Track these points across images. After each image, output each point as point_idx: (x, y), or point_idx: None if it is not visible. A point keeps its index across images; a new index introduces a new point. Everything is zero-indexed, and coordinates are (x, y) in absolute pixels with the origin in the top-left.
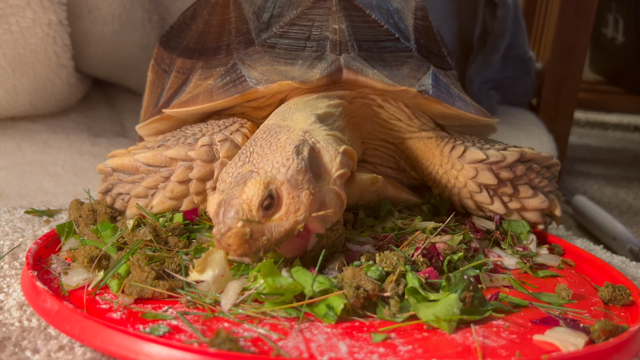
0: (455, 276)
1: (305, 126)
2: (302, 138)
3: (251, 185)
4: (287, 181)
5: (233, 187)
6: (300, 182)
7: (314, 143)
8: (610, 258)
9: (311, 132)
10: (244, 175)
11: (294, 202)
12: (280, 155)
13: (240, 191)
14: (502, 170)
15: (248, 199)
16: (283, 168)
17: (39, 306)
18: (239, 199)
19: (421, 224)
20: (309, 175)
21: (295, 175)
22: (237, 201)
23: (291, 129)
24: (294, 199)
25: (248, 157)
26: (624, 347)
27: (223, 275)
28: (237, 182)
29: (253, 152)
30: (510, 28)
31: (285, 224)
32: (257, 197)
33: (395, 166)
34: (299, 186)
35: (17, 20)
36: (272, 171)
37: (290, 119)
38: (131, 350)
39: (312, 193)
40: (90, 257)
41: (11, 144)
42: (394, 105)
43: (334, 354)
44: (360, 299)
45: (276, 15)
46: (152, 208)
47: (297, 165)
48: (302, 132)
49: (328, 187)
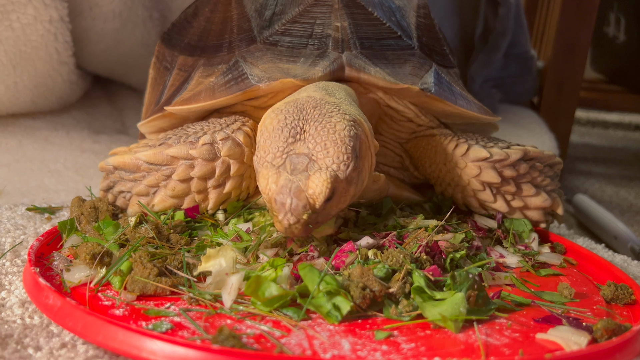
0: (460, 275)
1: (353, 111)
2: (355, 132)
3: (318, 182)
4: (345, 179)
5: (293, 172)
6: (353, 178)
7: (360, 135)
8: (612, 257)
9: (358, 121)
10: (301, 159)
11: (344, 194)
12: (342, 151)
13: (306, 184)
14: (506, 169)
15: (315, 195)
16: (344, 166)
17: (41, 302)
18: (306, 192)
19: (423, 222)
20: (358, 170)
21: (352, 174)
22: (305, 195)
23: (342, 111)
24: (345, 192)
25: (299, 134)
26: (626, 346)
27: (227, 273)
28: (296, 167)
29: (305, 130)
30: (512, 26)
31: (334, 211)
32: (323, 194)
33: (400, 165)
34: (351, 182)
35: (19, 16)
36: (334, 167)
37: (336, 97)
38: (134, 346)
39: (356, 186)
40: (92, 254)
41: (12, 140)
42: (401, 103)
43: (337, 351)
44: (366, 299)
45: (278, 12)
46: (153, 206)
47: (355, 165)
48: (353, 122)
49: (363, 174)
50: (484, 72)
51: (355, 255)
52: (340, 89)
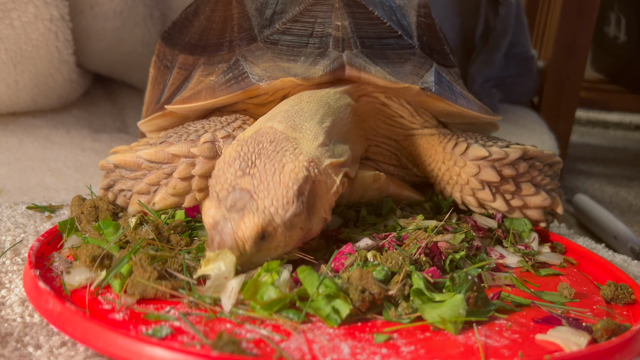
0: (459, 276)
1: (312, 150)
2: (306, 174)
3: (249, 224)
4: (283, 223)
5: (230, 209)
6: (295, 223)
7: (316, 176)
8: (611, 257)
9: (316, 161)
10: (242, 195)
11: (285, 239)
12: (282, 194)
13: (237, 225)
14: (505, 168)
15: (244, 237)
16: (282, 210)
17: (41, 307)
18: (236, 234)
19: (423, 222)
20: (304, 215)
21: (292, 219)
22: (233, 236)
23: (297, 151)
24: (286, 237)
25: (249, 168)
26: (626, 346)
27: (227, 277)
28: (235, 203)
29: (255, 165)
30: (513, 26)
31: (273, 254)
32: (252, 237)
33: (398, 163)
34: (293, 227)
35: (19, 15)
36: (272, 210)
37: (300, 130)
38: (134, 353)
39: (302, 229)
40: (92, 257)
41: (12, 139)
42: (397, 102)
43: (336, 355)
44: (365, 302)
45: (279, 11)
46: (154, 205)
47: (296, 209)
48: (307, 162)
49: (318, 215)
50: (485, 72)
51: (354, 258)
52: (315, 112)
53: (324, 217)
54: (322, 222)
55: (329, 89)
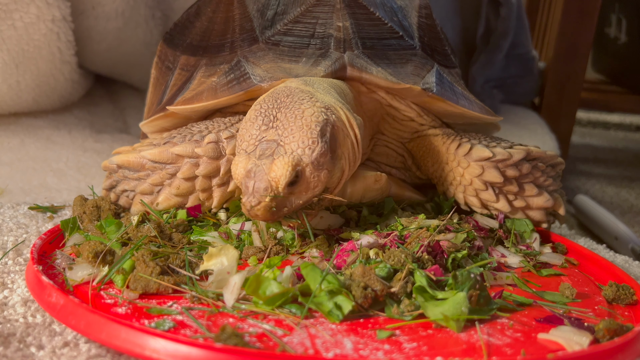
0: (462, 274)
1: (327, 99)
2: (325, 117)
3: (280, 165)
4: (311, 163)
5: (260, 157)
6: (321, 163)
7: (334, 121)
8: (613, 257)
9: (332, 108)
10: (270, 144)
11: (314, 180)
12: (307, 136)
13: (269, 167)
14: (508, 169)
15: (277, 178)
16: (309, 150)
17: (44, 300)
18: (269, 175)
19: (425, 221)
20: (329, 156)
21: (319, 158)
22: (267, 178)
23: (314, 99)
24: (314, 177)
25: (272, 122)
26: (628, 346)
27: (229, 272)
28: (264, 152)
29: (277, 118)
30: (514, 27)
31: (304, 197)
32: (284, 177)
33: (402, 165)
34: (320, 167)
35: (21, 16)
36: (299, 151)
37: (313, 86)
38: (137, 344)
39: (329, 171)
40: (95, 252)
41: (14, 139)
42: (404, 104)
43: (339, 350)
44: (368, 299)
45: (280, 12)
46: (157, 205)
47: (321, 149)
48: (325, 108)
49: (340, 162)
50: (486, 73)
51: (356, 255)
52: (323, 82)
53: (343, 168)
54: (341, 173)
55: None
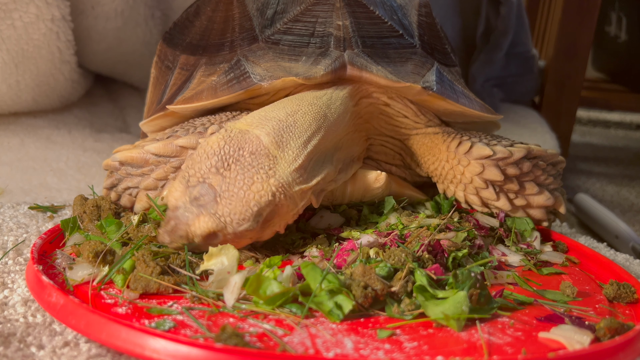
0: (462, 273)
1: (285, 175)
2: (270, 199)
3: (203, 224)
4: (234, 233)
5: (192, 202)
6: (244, 235)
7: (281, 200)
8: (613, 256)
9: (286, 187)
10: (208, 193)
11: (232, 242)
12: (241, 210)
13: (193, 220)
14: (509, 167)
15: (195, 232)
16: (236, 224)
17: (44, 300)
18: (188, 227)
19: (425, 220)
20: (258, 229)
21: (244, 232)
22: (185, 229)
23: (271, 173)
24: (233, 242)
25: (223, 169)
26: (629, 345)
27: (229, 272)
28: (198, 198)
29: (229, 169)
30: (514, 26)
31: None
32: (201, 235)
33: (401, 163)
34: (242, 237)
35: (21, 15)
36: (227, 219)
37: (283, 149)
38: (137, 345)
39: (251, 239)
40: (95, 252)
41: (14, 139)
42: (400, 102)
43: (339, 350)
44: (368, 298)
45: (280, 11)
46: (162, 199)
47: (249, 227)
48: (275, 188)
49: (272, 228)
50: (486, 71)
51: (357, 254)
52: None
53: (276, 230)
54: (273, 233)
55: (331, 93)
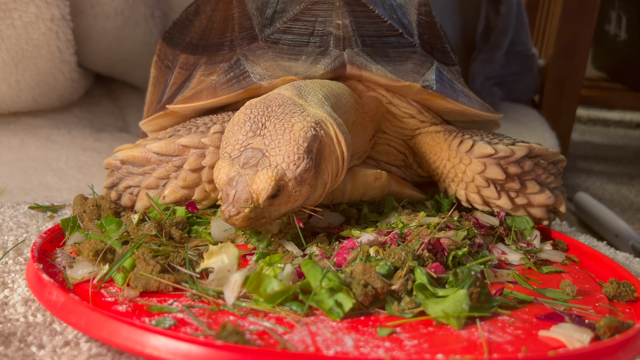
0: (462, 272)
1: (319, 113)
2: (314, 133)
3: (263, 178)
4: (294, 178)
5: (244, 166)
6: (304, 179)
7: (323, 136)
8: (613, 254)
9: (322, 123)
10: (255, 153)
11: (295, 194)
12: (293, 151)
13: (252, 178)
14: (510, 166)
15: (259, 190)
16: (293, 165)
17: (44, 298)
18: (251, 187)
19: (425, 219)
20: (313, 172)
21: (302, 174)
22: (248, 189)
23: (305, 113)
24: (296, 192)
25: (260, 129)
26: (629, 343)
27: (229, 270)
28: (248, 160)
29: (265, 127)
30: (513, 24)
31: (283, 209)
32: (266, 191)
33: (402, 163)
34: (302, 182)
35: (20, 15)
36: (283, 165)
37: (306, 97)
38: (138, 342)
39: (311, 186)
40: (95, 251)
41: (14, 139)
42: (404, 101)
43: (339, 347)
44: (368, 296)
45: (279, 10)
46: (164, 198)
47: (306, 165)
48: (315, 124)
49: (322, 177)
50: (485, 70)
51: (357, 253)
52: (318, 92)
53: (325, 182)
54: (323, 187)
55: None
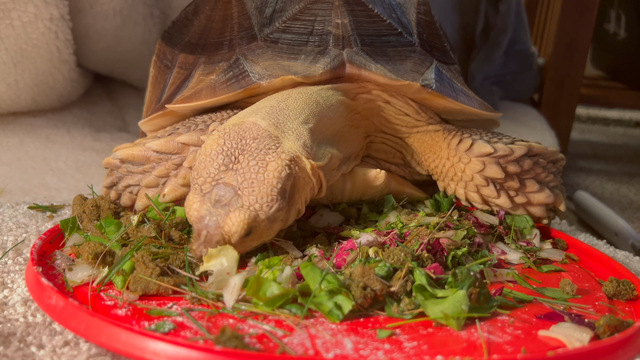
0: (461, 272)
1: (295, 148)
2: (288, 172)
3: (236, 220)
4: (267, 218)
5: (215, 204)
6: (277, 217)
7: (297, 172)
8: (613, 253)
9: (297, 160)
10: (227, 190)
11: (267, 231)
12: (267, 192)
13: (224, 220)
14: (510, 164)
15: (231, 232)
16: (267, 207)
17: (44, 302)
18: (222, 228)
19: (424, 219)
20: (286, 209)
21: (275, 213)
22: (220, 231)
23: (280, 150)
24: (268, 229)
25: (232, 164)
26: (629, 342)
27: (229, 273)
28: (220, 198)
29: (239, 161)
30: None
31: (254, 243)
32: (238, 233)
33: (401, 162)
34: (275, 220)
35: (19, 15)
36: (256, 206)
37: (282, 129)
38: (137, 347)
39: (282, 221)
40: (94, 253)
41: (13, 139)
42: (401, 100)
43: (339, 350)
44: (367, 298)
45: (279, 10)
46: (164, 196)
47: (279, 205)
48: (289, 161)
49: (295, 207)
50: (485, 69)
51: (356, 254)
52: (300, 111)
53: (298, 209)
54: (296, 214)
55: (320, 86)
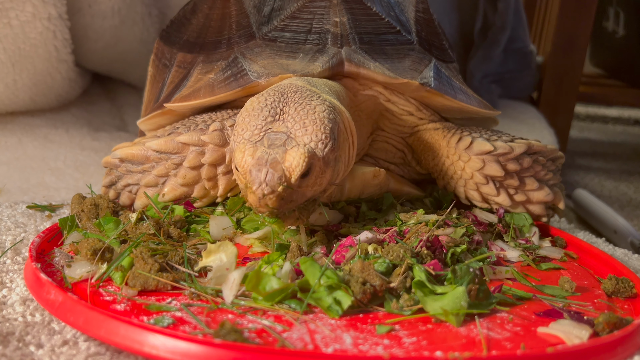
0: (461, 269)
1: (333, 100)
2: (334, 116)
3: (296, 155)
4: (323, 158)
5: (270, 146)
6: (329, 160)
7: (338, 121)
8: (612, 251)
9: (337, 109)
10: (279, 135)
11: (321, 175)
12: (320, 130)
13: (283, 157)
14: (509, 162)
15: (292, 167)
16: (322, 144)
17: (42, 298)
18: (283, 164)
19: (424, 217)
20: (336, 154)
21: (329, 154)
22: (281, 167)
23: (322, 98)
24: (322, 172)
25: (278, 115)
26: (628, 339)
27: (228, 269)
28: (273, 142)
29: (284, 112)
30: (511, 21)
31: (309, 191)
32: (300, 168)
33: (401, 161)
34: (328, 164)
35: (17, 14)
36: (311, 145)
37: (316, 86)
38: (136, 341)
39: (332, 170)
40: (93, 250)
41: (12, 138)
42: (402, 98)
43: (338, 345)
44: (367, 294)
45: (277, 8)
46: (163, 196)
47: (332, 146)
48: (332, 108)
49: (338, 164)
50: (484, 68)
51: (355, 250)
52: (323, 84)
53: (339, 171)
54: (342, 171)
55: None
